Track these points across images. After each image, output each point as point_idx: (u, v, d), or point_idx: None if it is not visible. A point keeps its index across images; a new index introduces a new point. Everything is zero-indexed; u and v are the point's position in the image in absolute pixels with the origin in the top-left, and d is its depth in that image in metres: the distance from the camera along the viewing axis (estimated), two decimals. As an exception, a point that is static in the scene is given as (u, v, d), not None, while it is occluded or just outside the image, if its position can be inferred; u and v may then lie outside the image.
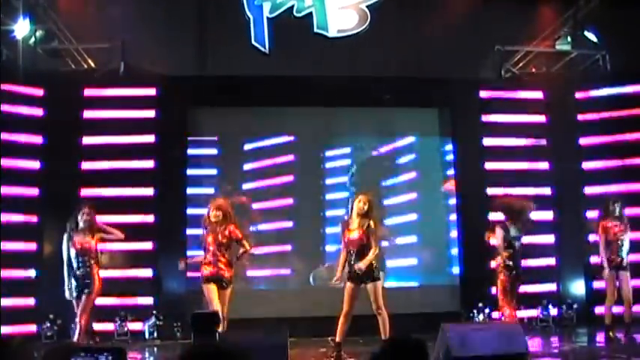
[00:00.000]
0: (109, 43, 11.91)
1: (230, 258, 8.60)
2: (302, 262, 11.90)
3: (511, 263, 8.61)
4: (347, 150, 12.43)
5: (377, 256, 8.40)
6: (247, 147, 12.22)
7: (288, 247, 11.99)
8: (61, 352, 3.53)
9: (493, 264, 9.17)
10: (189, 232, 11.07)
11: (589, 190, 11.87)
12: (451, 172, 12.24)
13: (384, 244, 10.09)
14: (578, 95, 12.42)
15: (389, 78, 12.11)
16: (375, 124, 12.36)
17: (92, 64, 12.28)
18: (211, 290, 8.42)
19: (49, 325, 10.64)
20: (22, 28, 11.34)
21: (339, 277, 8.42)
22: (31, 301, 10.88)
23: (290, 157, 12.19)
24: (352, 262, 8.27)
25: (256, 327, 10.53)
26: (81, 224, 8.84)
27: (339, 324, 8.28)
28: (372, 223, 8.37)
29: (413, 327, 8.76)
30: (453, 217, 12.10)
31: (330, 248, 11.78)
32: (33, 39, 11.66)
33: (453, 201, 12.12)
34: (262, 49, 11.53)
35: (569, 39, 12.86)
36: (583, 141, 12.24)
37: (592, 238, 11.45)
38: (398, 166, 12.40)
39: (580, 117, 12.31)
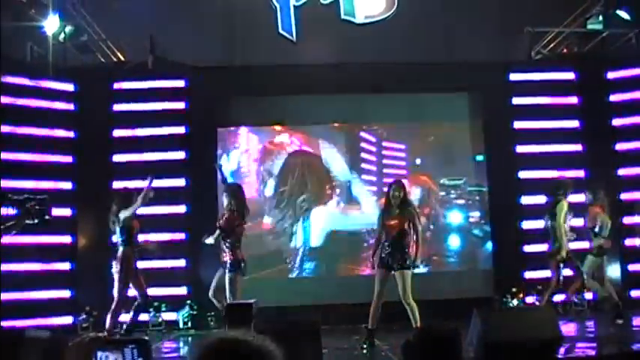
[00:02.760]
0: (138, 36, 11.98)
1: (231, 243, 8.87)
2: (335, 250, 11.88)
3: None
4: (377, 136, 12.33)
5: (417, 244, 8.40)
6: (277, 138, 12.20)
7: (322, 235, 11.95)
8: (86, 344, 3.56)
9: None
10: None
11: (622, 171, 11.71)
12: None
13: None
14: (611, 75, 12.22)
15: (418, 63, 12.02)
16: (404, 111, 12.27)
17: (121, 58, 12.37)
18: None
19: (84, 316, 10.78)
20: (51, 24, 11.43)
21: (372, 263, 8.48)
22: (67, 293, 11.02)
23: (325, 144, 12.14)
24: (387, 249, 8.30)
25: (290, 314, 10.62)
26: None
27: (371, 310, 8.30)
28: (412, 210, 8.42)
29: (446, 313, 8.75)
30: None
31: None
32: (63, 34, 11.77)
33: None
34: (290, 37, 11.55)
35: (600, 18, 12.66)
36: (616, 122, 12.05)
37: (628, 220, 11.36)
38: (427, 152, 12.29)
39: (613, 97, 12.12)
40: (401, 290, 8.22)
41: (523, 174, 11.56)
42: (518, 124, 11.99)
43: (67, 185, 11.29)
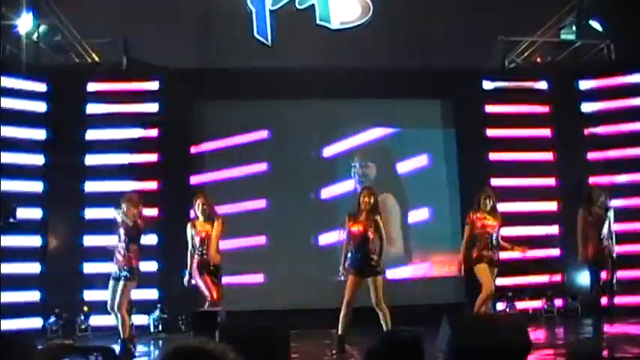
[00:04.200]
0: (112, 36, 11.92)
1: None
2: (305, 254, 11.86)
3: None
4: (351, 142, 12.34)
5: (381, 250, 8.42)
6: (250, 139, 12.15)
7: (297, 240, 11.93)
8: (52, 351, 3.53)
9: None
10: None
11: (594, 180, 11.83)
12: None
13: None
14: (582, 85, 12.38)
15: (392, 69, 12.07)
16: (378, 116, 12.31)
17: (96, 59, 12.30)
18: None
19: (54, 319, 10.68)
20: (25, 23, 11.35)
21: (343, 271, 8.46)
22: (36, 296, 10.92)
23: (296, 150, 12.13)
24: (356, 255, 8.30)
25: (263, 319, 10.58)
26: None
27: (340, 316, 8.30)
28: (378, 217, 8.41)
29: (417, 318, 8.79)
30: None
31: (326, 240, 11.79)
32: (36, 34, 11.68)
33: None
34: (265, 41, 11.54)
35: (573, 28, 12.81)
36: (587, 131, 12.20)
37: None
38: (402, 158, 12.33)
39: (584, 107, 12.27)
40: (373, 296, 8.23)
41: (495, 181, 11.63)
42: (490, 132, 12.08)
43: (37, 186, 11.19)
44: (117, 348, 8.35)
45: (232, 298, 9.25)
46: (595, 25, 12.60)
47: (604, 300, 9.20)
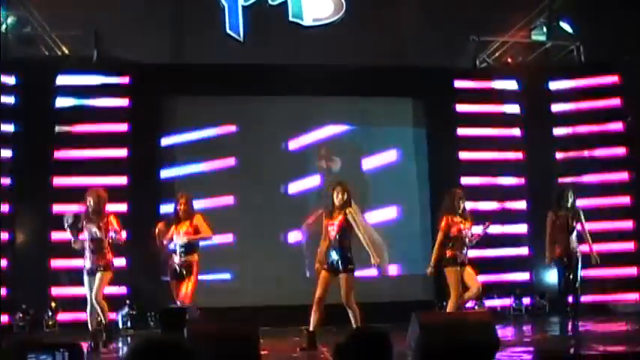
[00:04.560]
0: (83, 30, 11.79)
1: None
2: (273, 251, 11.85)
3: None
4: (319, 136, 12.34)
5: (349, 247, 8.38)
6: (222, 134, 12.10)
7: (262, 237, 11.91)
8: (18, 347, 3.48)
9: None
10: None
11: (562, 180, 11.95)
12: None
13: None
14: (552, 86, 12.51)
15: (364, 67, 12.09)
16: (350, 114, 12.33)
17: (66, 51, 12.16)
18: None
19: (21, 315, 10.56)
20: (-7, 15, 11.20)
21: (318, 266, 8.43)
22: (2, 292, 10.77)
23: (266, 146, 12.11)
24: (330, 251, 8.27)
25: (229, 316, 10.54)
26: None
27: (312, 313, 8.28)
28: (351, 210, 8.37)
29: (386, 316, 8.82)
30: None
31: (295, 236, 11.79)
32: (4, 25, 11.52)
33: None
34: (237, 37, 11.51)
35: (544, 29, 12.94)
36: (557, 131, 12.33)
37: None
38: (374, 156, 12.35)
39: (554, 107, 12.40)
40: (343, 293, 8.21)
41: (465, 180, 11.70)
42: (461, 131, 12.16)
43: (5, 181, 11.05)
44: (84, 344, 8.27)
45: (201, 294, 9.20)
46: (565, 26, 12.75)
47: (570, 298, 9.30)
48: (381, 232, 11.80)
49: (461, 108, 12.24)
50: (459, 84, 12.34)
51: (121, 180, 11.33)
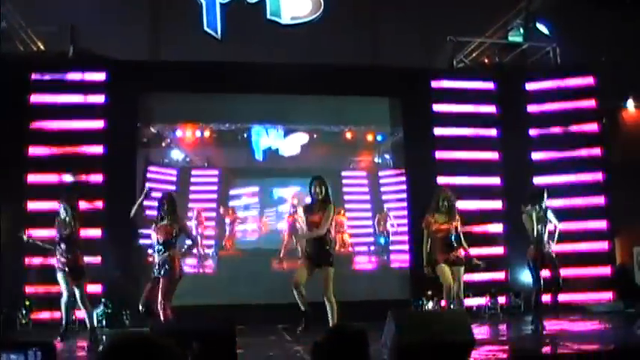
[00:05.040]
0: (59, 25, 11.68)
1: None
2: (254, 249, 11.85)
3: None
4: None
5: (332, 241, 8.41)
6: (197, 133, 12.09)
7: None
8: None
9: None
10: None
11: (537, 180, 12.04)
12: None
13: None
14: (529, 87, 12.59)
15: (341, 66, 12.09)
16: (327, 113, 12.35)
17: (41, 47, 12.04)
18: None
19: (-6, 314, 10.44)
20: (-34, 10, 11.06)
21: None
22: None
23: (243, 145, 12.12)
24: (311, 244, 8.28)
25: (209, 314, 10.51)
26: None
27: (296, 297, 8.24)
28: (330, 206, 8.39)
29: (362, 315, 8.81)
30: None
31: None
32: (-21, 21, 11.39)
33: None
34: (215, 35, 11.46)
35: (521, 31, 13.02)
36: (532, 132, 12.42)
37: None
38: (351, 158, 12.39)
39: (529, 108, 12.49)
40: (324, 286, 8.21)
41: (441, 179, 11.74)
42: (437, 131, 12.20)
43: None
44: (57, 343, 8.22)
45: (178, 293, 9.16)
46: (542, 28, 12.84)
47: (546, 297, 9.38)
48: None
49: (438, 108, 12.27)
50: (436, 84, 12.38)
51: (97, 177, 11.24)
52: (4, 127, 11.07)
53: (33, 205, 10.98)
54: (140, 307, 8.40)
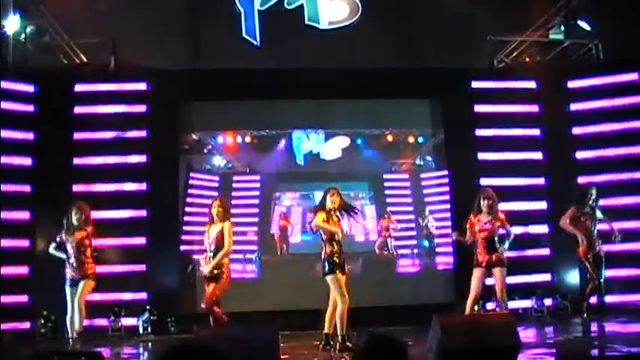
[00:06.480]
0: (100, 37, 11.86)
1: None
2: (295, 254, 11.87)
3: None
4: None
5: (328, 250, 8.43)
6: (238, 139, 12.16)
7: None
8: (40, 356, 3.50)
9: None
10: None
11: (582, 179, 11.84)
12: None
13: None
14: (571, 84, 12.40)
15: (381, 69, 12.06)
16: (367, 116, 12.33)
17: (84, 59, 12.23)
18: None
19: (42, 321, 10.60)
20: (12, 24, 11.29)
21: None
22: (24, 298, 10.83)
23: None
24: (340, 255, 8.32)
25: (250, 320, 10.56)
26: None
27: (327, 314, 8.27)
28: (338, 214, 8.49)
29: (406, 319, 8.79)
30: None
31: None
32: (23, 35, 11.61)
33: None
34: (253, 42, 11.52)
35: (562, 28, 12.86)
36: (576, 130, 12.22)
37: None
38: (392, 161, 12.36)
39: (573, 106, 12.29)
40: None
41: (484, 181, 11.62)
42: (479, 132, 12.09)
43: (25, 188, 11.11)
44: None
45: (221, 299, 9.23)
46: (583, 24, 12.65)
47: (594, 299, 9.23)
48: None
49: (479, 108, 12.16)
50: (476, 84, 12.26)
51: (141, 186, 11.37)
52: (50, 139, 11.27)
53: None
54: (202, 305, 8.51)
